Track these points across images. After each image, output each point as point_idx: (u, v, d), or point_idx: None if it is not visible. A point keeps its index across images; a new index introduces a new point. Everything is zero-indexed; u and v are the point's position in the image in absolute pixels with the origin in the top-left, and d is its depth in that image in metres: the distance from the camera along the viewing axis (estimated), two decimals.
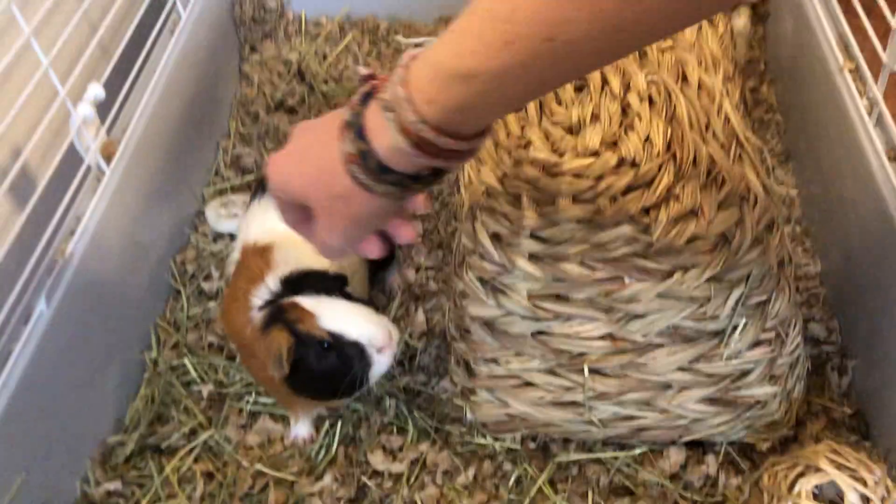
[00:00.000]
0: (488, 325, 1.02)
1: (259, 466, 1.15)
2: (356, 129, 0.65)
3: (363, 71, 0.69)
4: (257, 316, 1.06)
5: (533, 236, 0.93)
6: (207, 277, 1.44)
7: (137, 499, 1.13)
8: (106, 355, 1.23)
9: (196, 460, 1.18)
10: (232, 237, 1.50)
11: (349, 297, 1.02)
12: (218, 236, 1.51)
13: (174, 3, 1.58)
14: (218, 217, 1.50)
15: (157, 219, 1.42)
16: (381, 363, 1.00)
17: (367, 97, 0.65)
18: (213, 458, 1.18)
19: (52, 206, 1.19)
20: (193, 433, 1.21)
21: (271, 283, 1.08)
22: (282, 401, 1.19)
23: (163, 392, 1.27)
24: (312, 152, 0.72)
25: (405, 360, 1.27)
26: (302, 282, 1.06)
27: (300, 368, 1.01)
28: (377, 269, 1.31)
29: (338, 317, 0.98)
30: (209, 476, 1.16)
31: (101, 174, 1.30)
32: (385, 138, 0.63)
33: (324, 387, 1.04)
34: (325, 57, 1.85)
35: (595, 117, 0.96)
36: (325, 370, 1.00)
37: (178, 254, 1.46)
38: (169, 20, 1.59)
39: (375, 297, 1.35)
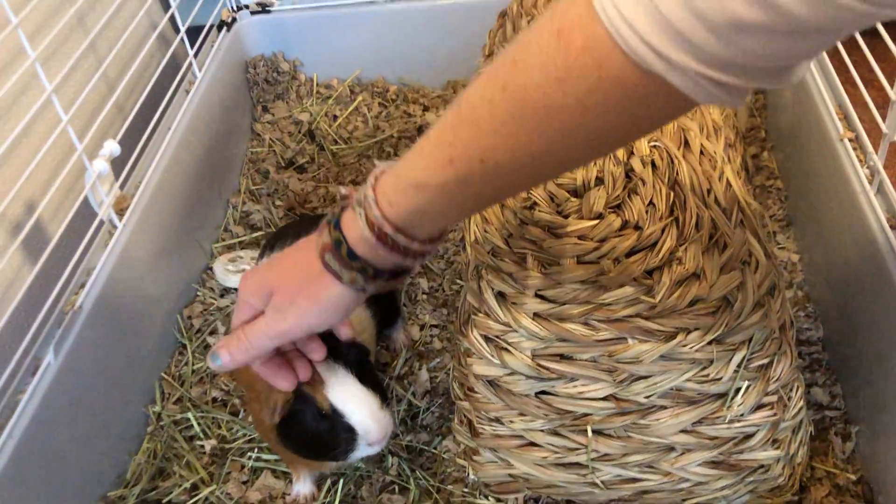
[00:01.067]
0: (493, 384, 1.02)
1: None
2: (334, 222, 0.78)
3: (343, 191, 0.83)
4: None
5: (537, 296, 0.94)
6: (213, 332, 1.45)
7: None
8: (110, 408, 1.24)
9: None
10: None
11: (367, 370, 1.02)
12: (225, 291, 1.53)
13: (190, 64, 1.63)
14: (226, 272, 1.52)
15: (165, 273, 1.43)
16: (366, 452, 1.01)
17: (344, 208, 0.79)
18: None
19: (64, 259, 1.21)
20: (195, 489, 1.21)
21: None
22: (282, 456, 1.19)
23: (165, 447, 1.26)
24: (288, 255, 0.85)
25: (408, 418, 1.27)
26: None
27: (291, 423, 1.01)
28: (382, 327, 1.32)
29: (346, 396, 0.98)
30: None
31: (112, 228, 1.32)
32: (355, 229, 0.76)
33: (306, 448, 1.05)
34: (335, 118, 1.89)
35: (599, 180, 0.99)
36: (313, 436, 1.01)
37: (185, 308, 1.48)
38: (185, 80, 1.64)
39: (380, 354, 1.36)
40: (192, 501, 1.18)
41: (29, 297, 1.14)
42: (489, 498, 1.16)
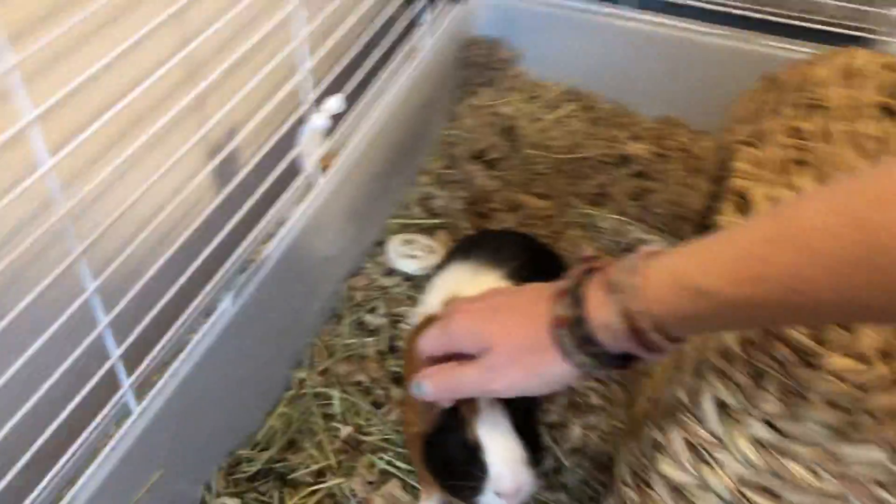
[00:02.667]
0: (677, 490, 0.93)
1: None
2: (576, 297, 0.70)
3: (586, 252, 0.72)
4: None
5: (766, 422, 0.84)
6: (372, 310, 1.40)
7: None
8: (260, 363, 1.21)
9: None
10: (405, 276, 1.47)
11: (529, 421, 0.94)
12: (391, 271, 1.48)
13: (421, 35, 1.57)
14: (397, 255, 1.47)
15: (343, 238, 1.39)
16: (489, 501, 0.91)
17: (588, 276, 0.71)
18: None
19: (261, 209, 1.18)
20: (321, 474, 1.17)
21: None
22: (418, 468, 1.14)
23: (301, 418, 1.23)
24: (514, 310, 0.77)
25: (550, 472, 1.20)
26: None
27: (436, 438, 0.95)
28: None
29: (492, 436, 0.90)
30: None
31: (312, 183, 1.28)
32: (603, 314, 0.68)
33: (439, 470, 0.97)
34: (538, 120, 1.81)
35: None
36: (448, 460, 0.93)
37: (350, 278, 1.44)
38: (410, 47, 1.58)
39: None
40: (316, 487, 1.14)
41: (221, 241, 1.11)
42: None
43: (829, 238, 0.57)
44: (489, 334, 0.77)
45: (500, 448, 0.89)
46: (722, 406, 0.87)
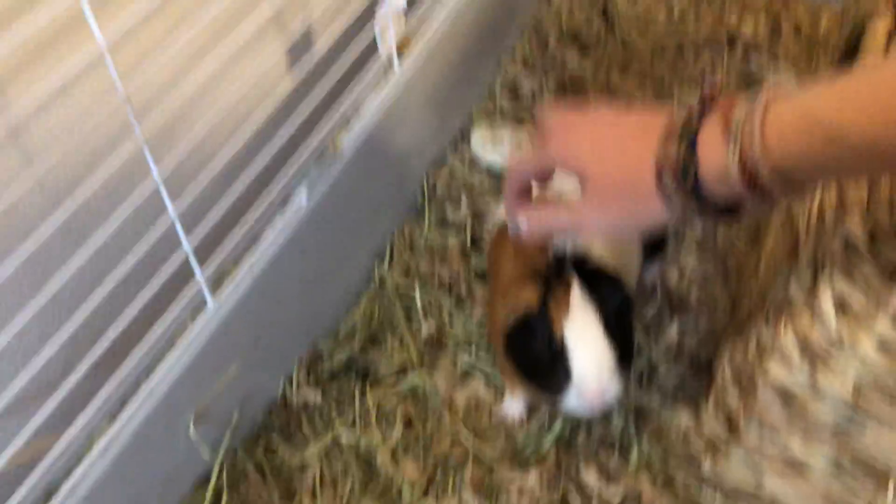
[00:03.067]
0: (785, 394, 0.85)
1: (462, 431, 1.06)
2: (688, 137, 0.62)
3: (709, 80, 0.62)
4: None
5: (894, 320, 0.74)
6: (455, 205, 1.34)
7: (332, 419, 1.07)
8: (340, 257, 1.17)
9: (399, 400, 1.10)
10: (489, 170, 1.39)
11: (622, 324, 0.87)
12: (475, 164, 1.40)
13: None
14: (483, 146, 1.39)
15: (425, 128, 1.32)
16: (571, 402, 0.85)
17: (703, 116, 0.62)
18: (416, 403, 1.10)
19: (336, 95, 1.11)
20: (403, 370, 1.13)
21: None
22: (502, 366, 1.09)
23: (383, 313, 1.19)
24: (616, 140, 0.67)
25: (644, 375, 1.13)
26: (578, 268, 0.92)
27: (520, 334, 0.89)
28: (647, 255, 1.14)
29: (580, 338, 0.84)
30: (408, 423, 1.08)
31: (390, 68, 1.20)
32: (717, 162, 0.60)
33: (522, 368, 0.92)
34: (636, 1, 1.66)
35: None
36: (532, 358, 0.88)
37: (432, 171, 1.37)
38: None
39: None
40: (398, 383, 1.11)
41: (293, 125, 1.05)
42: (716, 499, 1.01)
43: None
44: (585, 162, 0.68)
45: (585, 353, 0.83)
46: (843, 304, 0.77)
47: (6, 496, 0.78)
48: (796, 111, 0.57)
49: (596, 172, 0.68)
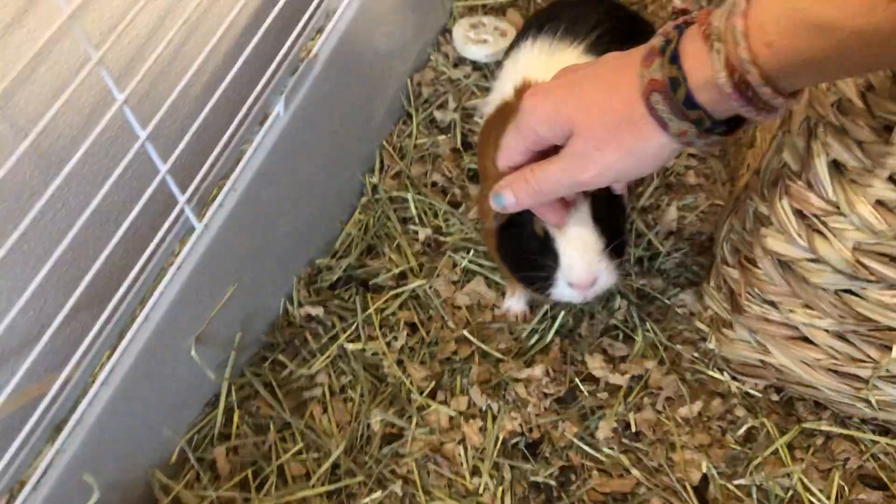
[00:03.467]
0: (784, 265, 0.84)
1: (465, 333, 1.06)
2: (670, 55, 0.59)
3: (679, 3, 0.66)
4: None
5: (891, 180, 0.72)
6: (442, 106, 1.30)
7: (337, 331, 1.07)
8: (329, 171, 1.15)
9: (401, 307, 1.10)
10: (475, 65, 1.35)
11: (611, 210, 0.84)
12: (460, 61, 1.36)
13: None
14: (466, 40, 1.34)
15: (403, 27, 1.27)
16: (563, 292, 0.84)
17: (682, 30, 0.60)
18: (418, 308, 1.10)
19: (306, 1, 1.07)
20: (403, 277, 1.13)
21: None
22: (499, 266, 1.08)
23: (378, 223, 1.18)
24: (595, 78, 0.66)
25: (645, 259, 1.12)
26: None
27: (509, 231, 0.88)
28: None
29: (566, 227, 0.81)
30: (412, 327, 1.08)
31: None
32: (704, 69, 0.57)
33: (513, 264, 0.91)
34: None
35: None
36: (520, 252, 0.87)
37: (416, 73, 1.33)
38: None
39: None
40: (398, 290, 1.11)
41: (264, 37, 1.01)
42: (724, 373, 1.01)
43: None
44: (568, 113, 0.66)
45: (571, 239, 0.81)
46: (838, 168, 0.75)
47: (14, 434, 0.79)
48: (778, 7, 0.54)
49: (584, 122, 0.65)
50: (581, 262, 0.81)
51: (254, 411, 1.01)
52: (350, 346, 1.05)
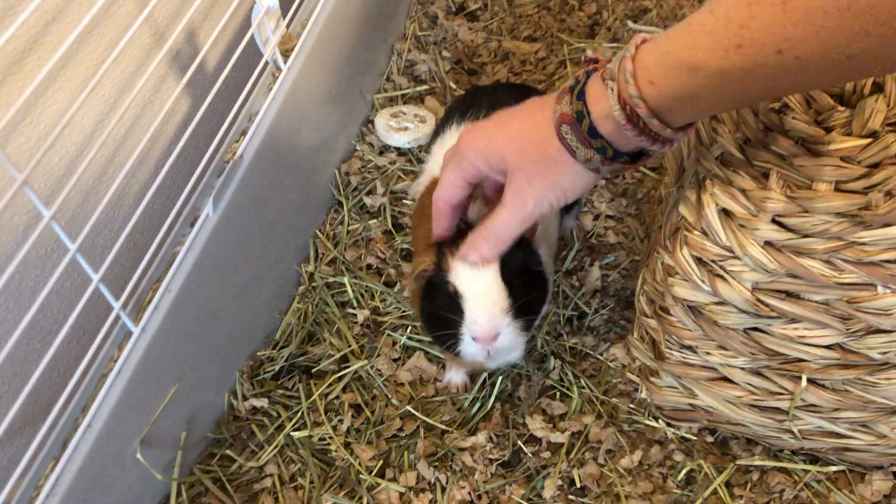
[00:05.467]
0: (694, 310, 0.89)
1: (409, 409, 1.09)
2: (578, 91, 0.70)
3: (590, 54, 0.74)
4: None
5: (774, 222, 0.78)
6: (371, 192, 1.35)
7: (282, 421, 1.09)
8: (264, 264, 1.18)
9: (345, 390, 1.12)
10: (399, 151, 1.41)
11: (526, 275, 0.89)
12: (384, 149, 1.42)
13: None
14: (387, 129, 1.40)
15: (326, 123, 1.33)
16: (467, 348, 0.87)
17: (590, 74, 0.71)
18: (362, 389, 1.12)
19: (227, 104, 1.12)
20: (345, 360, 1.15)
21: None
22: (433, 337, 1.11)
23: (316, 310, 1.21)
24: (519, 118, 0.76)
25: (574, 318, 1.16)
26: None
27: (424, 294, 0.92)
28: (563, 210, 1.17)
29: (474, 283, 0.85)
30: (357, 409, 1.10)
31: (277, 71, 1.22)
32: (602, 104, 0.68)
33: (427, 322, 0.94)
34: None
35: (878, 87, 0.79)
36: (430, 307, 0.91)
37: (343, 163, 1.39)
38: None
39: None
40: (341, 373, 1.13)
41: (190, 144, 1.06)
42: (659, 421, 1.05)
43: None
44: (499, 147, 0.76)
45: (478, 293, 0.85)
46: (728, 215, 0.81)
47: None
48: (659, 51, 0.64)
49: (514, 155, 0.76)
50: (483, 316, 0.84)
51: None
52: (296, 434, 1.07)
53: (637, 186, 1.31)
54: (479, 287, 0.84)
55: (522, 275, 0.87)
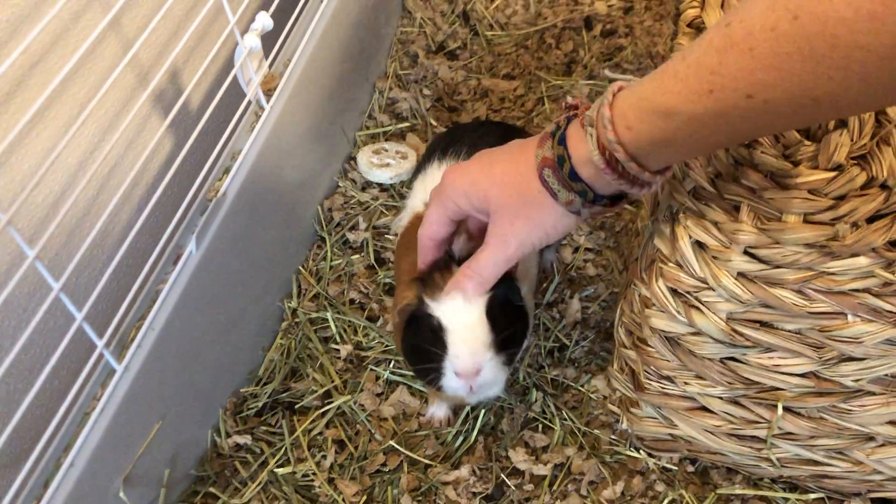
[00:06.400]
0: (671, 340, 0.91)
1: (393, 443, 1.09)
2: (559, 136, 0.72)
3: (570, 101, 0.76)
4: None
5: (747, 253, 0.80)
6: (353, 227, 1.37)
7: (266, 457, 1.09)
8: (247, 301, 1.19)
9: (328, 425, 1.13)
10: (381, 187, 1.43)
11: (507, 311, 0.89)
12: (367, 185, 1.44)
13: None
14: (370, 165, 1.42)
15: (309, 160, 1.35)
16: (449, 382, 0.88)
17: (571, 119, 0.73)
18: (345, 424, 1.13)
19: (210, 143, 1.14)
20: (328, 396, 1.16)
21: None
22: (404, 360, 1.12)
23: (300, 346, 1.22)
24: (502, 161, 0.79)
25: (555, 350, 1.18)
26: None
27: (406, 329, 0.92)
28: None
29: (457, 317, 0.86)
30: (340, 444, 1.11)
31: (259, 110, 1.23)
32: (582, 149, 0.70)
33: (409, 356, 0.95)
34: (492, 0, 1.72)
35: (842, 122, 0.82)
36: (413, 342, 0.91)
37: (325, 200, 1.40)
38: None
39: None
40: (324, 409, 1.14)
41: (173, 183, 1.07)
42: (640, 451, 1.06)
43: (769, 36, 0.55)
44: (482, 188, 0.78)
45: (461, 328, 0.86)
46: (700, 246, 0.83)
47: None
48: (633, 98, 0.66)
49: (497, 197, 0.78)
50: (466, 351, 0.85)
51: None
52: (280, 471, 1.07)
53: (615, 219, 1.33)
54: (462, 322, 0.85)
55: (505, 309, 0.88)
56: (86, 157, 1.03)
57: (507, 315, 0.88)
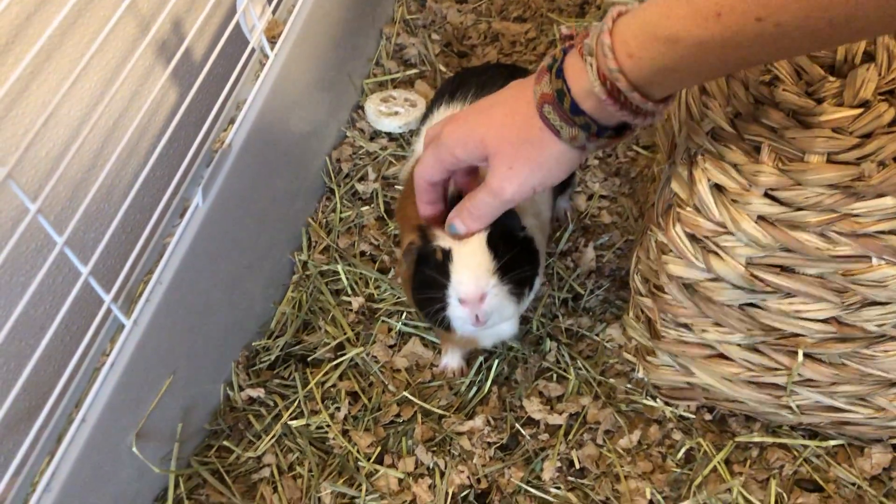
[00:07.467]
0: (689, 287, 0.88)
1: (406, 395, 1.08)
2: (556, 70, 0.69)
3: (565, 30, 0.72)
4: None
5: (767, 195, 0.77)
6: (362, 178, 1.35)
7: (279, 410, 1.08)
8: (256, 254, 1.17)
9: (341, 377, 1.12)
10: (390, 136, 1.40)
11: (511, 242, 0.87)
12: (375, 134, 1.41)
13: None
14: (378, 114, 1.39)
15: (316, 110, 1.32)
16: (454, 311, 0.86)
17: (567, 51, 0.69)
18: (358, 376, 1.12)
19: (214, 93, 1.11)
20: (340, 348, 1.15)
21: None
22: (409, 301, 1.09)
23: (311, 299, 1.20)
24: (500, 103, 0.75)
25: (570, 300, 1.16)
26: None
27: (416, 270, 0.90)
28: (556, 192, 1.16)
29: (459, 251, 0.85)
30: (354, 396, 1.10)
31: (264, 58, 1.20)
32: (582, 80, 0.66)
33: (415, 292, 0.93)
34: None
35: (869, 56, 0.78)
36: (418, 278, 0.90)
37: (333, 150, 1.37)
38: None
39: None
40: (337, 361, 1.13)
41: (178, 135, 1.05)
42: (657, 400, 1.05)
43: None
44: (479, 134, 0.75)
45: (464, 256, 0.84)
46: (719, 190, 0.81)
47: None
48: (635, 24, 0.63)
49: (495, 141, 0.74)
50: (469, 277, 0.84)
51: (204, 500, 1.01)
52: (294, 423, 1.07)
53: (630, 165, 1.30)
54: (466, 251, 0.84)
55: (506, 238, 0.86)
56: (88, 109, 1.01)
57: (509, 244, 0.86)
